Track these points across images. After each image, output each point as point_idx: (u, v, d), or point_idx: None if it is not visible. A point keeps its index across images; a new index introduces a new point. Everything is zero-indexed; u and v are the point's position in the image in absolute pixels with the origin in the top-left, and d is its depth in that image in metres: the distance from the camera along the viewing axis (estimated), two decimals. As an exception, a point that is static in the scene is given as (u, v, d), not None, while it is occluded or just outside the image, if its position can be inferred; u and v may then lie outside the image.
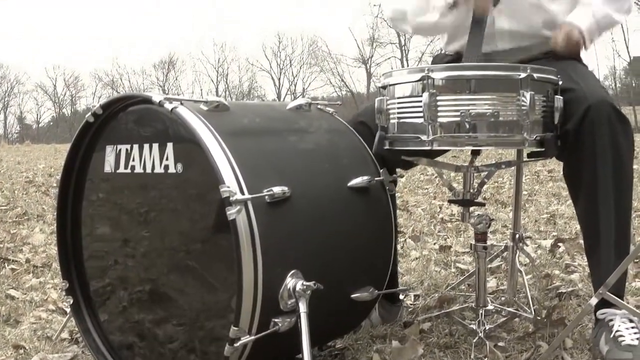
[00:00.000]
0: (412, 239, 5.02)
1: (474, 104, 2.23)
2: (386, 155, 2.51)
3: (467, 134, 2.24)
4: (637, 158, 12.56)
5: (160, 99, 2.21)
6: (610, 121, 2.42)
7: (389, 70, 2.47)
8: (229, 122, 2.26)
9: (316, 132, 2.48)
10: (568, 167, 2.57)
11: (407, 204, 7.00)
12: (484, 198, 7.03)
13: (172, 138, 2.24)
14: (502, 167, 2.65)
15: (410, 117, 2.33)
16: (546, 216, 5.91)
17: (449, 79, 2.26)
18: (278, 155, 2.29)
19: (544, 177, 9.31)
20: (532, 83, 2.26)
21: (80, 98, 69.58)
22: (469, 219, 2.56)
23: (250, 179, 2.07)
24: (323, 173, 2.37)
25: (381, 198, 2.49)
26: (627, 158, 2.48)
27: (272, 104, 2.69)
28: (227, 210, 1.98)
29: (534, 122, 2.27)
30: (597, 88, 2.54)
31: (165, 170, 2.26)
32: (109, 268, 2.54)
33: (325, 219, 2.29)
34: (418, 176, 9.93)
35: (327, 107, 2.67)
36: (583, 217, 2.58)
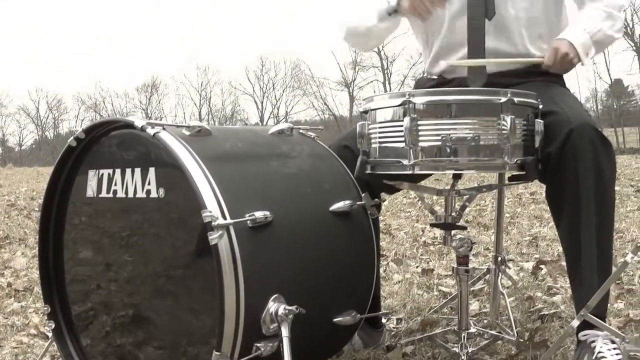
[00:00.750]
0: (394, 262, 5.02)
1: (455, 128, 2.24)
2: (368, 180, 2.52)
3: (448, 158, 2.25)
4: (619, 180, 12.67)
5: (142, 124, 2.21)
6: (592, 144, 2.43)
7: (371, 95, 2.48)
8: (211, 146, 2.26)
9: (298, 157, 2.48)
10: (551, 189, 2.58)
11: (390, 227, 7.01)
12: (466, 221, 7.05)
13: (154, 163, 2.25)
14: (484, 190, 2.67)
15: (392, 142, 2.34)
16: (528, 238, 5.93)
17: (430, 103, 2.27)
18: (260, 179, 2.29)
19: (526, 199, 9.33)
20: (513, 107, 2.28)
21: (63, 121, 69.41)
22: (451, 242, 2.56)
23: (232, 203, 2.08)
24: (305, 197, 2.37)
25: (363, 222, 2.49)
26: (609, 180, 2.50)
27: (254, 129, 2.70)
28: (209, 235, 1.98)
29: (514, 145, 2.29)
30: (579, 111, 2.55)
31: (147, 195, 2.27)
32: (91, 292, 2.54)
33: (308, 244, 2.29)
34: (401, 199, 9.94)
35: (309, 132, 2.68)
36: (565, 239, 2.58)
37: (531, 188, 9.90)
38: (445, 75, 3.09)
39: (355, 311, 2.45)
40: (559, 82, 2.98)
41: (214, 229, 1.99)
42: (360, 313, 2.47)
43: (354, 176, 2.51)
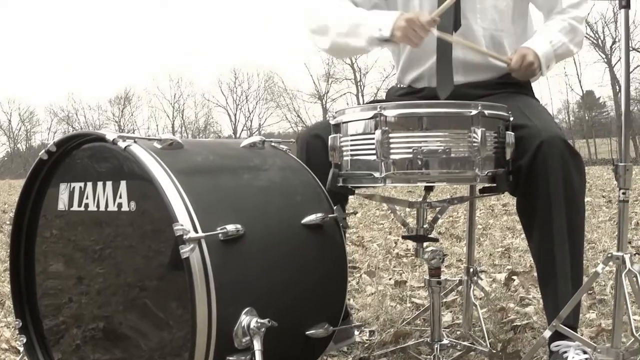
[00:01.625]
0: (367, 274, 5.02)
1: (426, 140, 2.25)
2: (340, 192, 2.52)
3: (419, 170, 2.26)
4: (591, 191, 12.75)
5: (114, 137, 2.21)
6: (562, 156, 2.46)
7: (342, 108, 2.48)
8: (182, 160, 2.26)
9: (270, 170, 2.48)
10: (521, 201, 2.60)
11: (363, 239, 7.01)
12: (439, 233, 7.08)
13: (125, 176, 2.24)
14: (455, 202, 2.68)
15: (363, 154, 2.35)
16: (501, 250, 5.95)
17: (401, 116, 2.28)
18: (232, 193, 2.29)
19: (498, 210, 9.38)
20: (483, 120, 2.29)
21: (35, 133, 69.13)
22: (423, 255, 2.57)
23: (203, 217, 2.07)
24: (277, 210, 2.37)
25: (335, 235, 2.49)
26: (580, 192, 2.53)
27: (226, 142, 2.70)
28: (180, 248, 1.98)
29: (485, 158, 2.30)
30: (549, 124, 2.58)
31: (119, 208, 2.26)
32: (63, 306, 2.52)
33: (280, 256, 2.29)
34: (374, 211, 9.95)
35: (281, 145, 2.68)
36: (537, 251, 2.60)
37: (503, 199, 9.96)
38: (415, 85, 3.12)
39: (327, 323, 2.44)
40: (529, 94, 3.02)
41: (185, 242, 1.98)
42: (332, 325, 2.47)
43: (326, 189, 2.51)
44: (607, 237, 6.38)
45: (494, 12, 3.01)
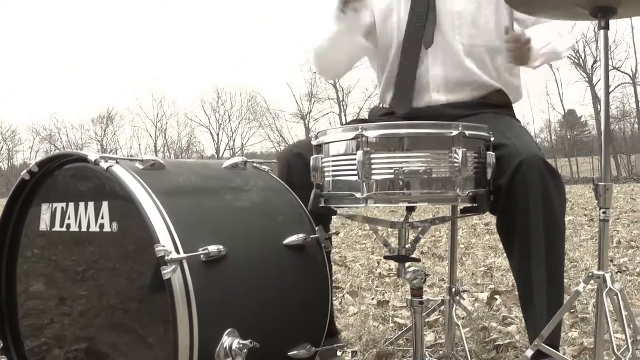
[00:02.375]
0: (350, 294, 5.01)
1: (408, 161, 2.25)
2: (322, 213, 2.53)
3: (401, 191, 2.27)
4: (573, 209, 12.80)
5: (96, 158, 2.22)
6: (542, 176, 2.47)
7: (324, 129, 2.49)
8: (164, 181, 2.26)
9: (252, 191, 2.49)
10: (501, 221, 2.61)
11: (346, 259, 7.01)
12: (422, 252, 7.08)
13: (108, 197, 2.25)
14: (437, 223, 2.68)
15: (345, 175, 2.35)
16: (483, 269, 5.96)
17: (383, 137, 2.29)
18: (214, 214, 2.29)
19: (480, 230, 9.40)
20: (464, 140, 2.30)
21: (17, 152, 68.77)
22: (405, 275, 2.57)
23: (185, 238, 2.07)
24: (259, 231, 2.37)
25: (317, 255, 2.50)
26: (559, 211, 2.54)
27: (208, 163, 2.71)
28: (162, 269, 1.98)
29: (466, 178, 2.31)
30: (529, 143, 2.59)
31: (101, 229, 2.26)
32: (45, 327, 2.51)
33: (262, 277, 2.29)
34: (356, 231, 9.95)
35: (263, 166, 2.68)
36: (517, 270, 2.61)
37: (486, 219, 9.97)
38: None
39: (310, 344, 2.44)
40: (510, 114, 3.04)
41: (167, 263, 1.98)
42: (315, 346, 2.47)
43: (308, 209, 2.51)
44: (589, 255, 6.40)
45: (472, 27, 3.04)
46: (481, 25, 3.05)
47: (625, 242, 7.45)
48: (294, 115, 59.13)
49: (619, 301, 2.28)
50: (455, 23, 3.03)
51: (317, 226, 2.52)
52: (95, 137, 64.24)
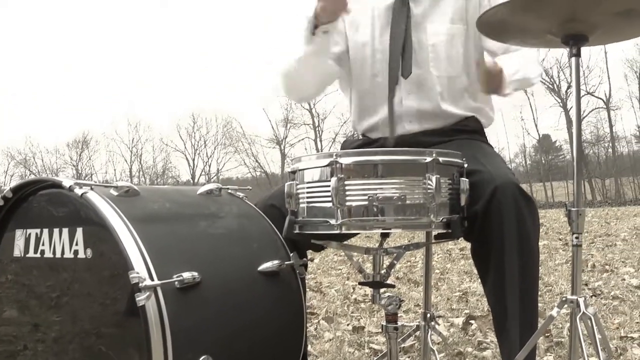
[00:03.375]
0: (325, 320, 5.02)
1: (382, 187, 2.26)
2: (296, 239, 2.53)
3: (375, 217, 2.27)
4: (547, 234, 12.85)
5: (70, 184, 2.22)
6: (516, 201, 2.49)
7: (298, 156, 2.50)
8: (138, 207, 2.26)
9: (226, 217, 2.49)
10: (476, 247, 2.62)
11: (321, 285, 7.01)
12: (397, 278, 7.09)
13: (82, 223, 2.24)
14: (411, 248, 2.69)
15: (319, 202, 2.35)
16: (458, 294, 5.98)
17: (357, 163, 2.29)
18: (188, 240, 2.29)
19: (455, 255, 9.42)
20: (438, 167, 2.31)
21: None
22: (380, 301, 2.57)
23: (159, 264, 2.07)
24: (233, 258, 2.37)
25: (291, 282, 2.50)
26: (533, 237, 2.55)
27: (183, 189, 2.70)
28: (136, 296, 1.97)
29: (440, 204, 2.31)
30: (502, 169, 2.61)
31: (75, 256, 2.25)
32: (18, 353, 2.49)
33: (236, 304, 2.28)
34: (332, 257, 9.96)
35: (238, 192, 2.69)
36: (491, 295, 2.62)
37: (461, 244, 10.00)
38: (370, 135, 3.16)
39: (284, 371, 2.44)
40: (482, 140, 3.06)
41: (141, 290, 1.98)
42: (289, 373, 2.47)
43: (282, 236, 2.52)
44: (563, 279, 6.44)
45: (445, 60, 3.08)
46: (453, 57, 3.10)
47: (599, 265, 7.49)
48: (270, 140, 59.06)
49: (592, 325, 2.29)
50: (430, 56, 3.07)
51: (292, 252, 2.53)
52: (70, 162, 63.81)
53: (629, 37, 2.55)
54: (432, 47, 3.08)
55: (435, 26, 3.10)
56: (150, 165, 63.82)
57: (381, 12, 3.16)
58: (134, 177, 61.21)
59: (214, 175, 60.55)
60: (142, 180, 61.11)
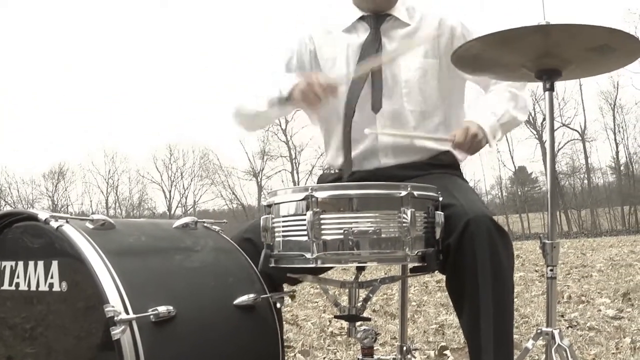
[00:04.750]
0: (301, 353, 5.00)
1: (357, 221, 2.27)
2: (272, 273, 2.53)
3: (350, 251, 2.28)
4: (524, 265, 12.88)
5: (46, 217, 2.22)
6: (489, 234, 2.50)
7: (274, 189, 2.51)
8: (114, 240, 2.26)
9: (202, 251, 2.49)
10: (450, 280, 2.63)
11: (297, 318, 6.98)
12: (373, 310, 7.08)
13: (57, 256, 2.23)
14: (387, 282, 2.70)
15: (295, 235, 2.36)
16: (435, 326, 5.97)
17: (332, 197, 2.31)
18: (163, 274, 2.29)
19: (432, 287, 9.42)
20: (413, 200, 2.33)
21: (-34, 208, 67.74)
22: (356, 334, 2.58)
23: (135, 298, 2.07)
24: (209, 291, 2.37)
25: (267, 316, 2.49)
26: (507, 269, 2.56)
27: (159, 222, 2.70)
28: (111, 330, 1.97)
29: (415, 238, 2.33)
30: (476, 203, 2.63)
31: (50, 289, 2.24)
32: (-10, 387, 2.48)
33: (212, 338, 2.27)
34: (308, 289, 9.93)
35: (214, 226, 2.69)
36: (466, 328, 2.63)
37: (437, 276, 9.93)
38: None
39: (260, 405, 2.43)
40: (457, 174, 3.08)
41: (116, 323, 1.98)
42: (265, 407, 2.46)
43: (258, 269, 2.52)
44: (540, 311, 6.45)
45: (419, 94, 3.11)
46: (427, 92, 3.14)
47: (575, 296, 7.51)
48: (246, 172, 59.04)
49: (567, 357, 2.31)
50: (403, 91, 3.10)
51: (268, 286, 2.53)
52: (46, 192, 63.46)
53: (602, 71, 2.59)
54: (405, 82, 3.11)
55: (408, 61, 3.13)
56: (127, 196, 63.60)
57: (355, 49, 3.20)
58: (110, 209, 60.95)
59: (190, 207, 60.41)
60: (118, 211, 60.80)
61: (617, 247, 19.44)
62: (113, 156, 64.85)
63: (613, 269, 11.23)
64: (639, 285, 7.99)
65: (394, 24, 3.20)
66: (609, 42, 2.31)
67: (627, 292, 7.28)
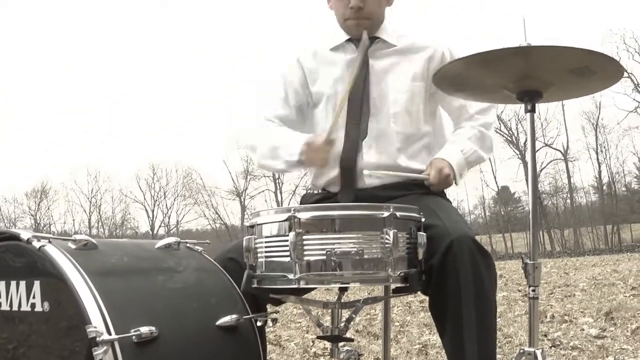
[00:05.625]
0: (285, 373, 5.00)
1: (340, 242, 2.28)
2: (255, 293, 2.53)
3: (333, 271, 2.28)
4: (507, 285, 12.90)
5: (28, 237, 2.22)
6: (472, 255, 2.51)
7: (257, 210, 2.51)
8: (97, 261, 2.26)
9: (185, 271, 2.49)
10: (433, 300, 2.64)
11: (280, 338, 6.96)
12: (356, 330, 7.06)
13: (39, 276, 2.23)
14: (369, 302, 2.70)
15: (278, 256, 2.36)
16: (418, 346, 5.96)
17: (315, 218, 2.31)
18: (146, 294, 2.29)
19: (415, 307, 9.41)
20: (395, 221, 2.33)
21: (-52, 227, 67.05)
22: (338, 355, 2.58)
23: (117, 318, 2.06)
24: (191, 312, 2.36)
25: (250, 336, 2.49)
26: (490, 290, 2.58)
27: (141, 243, 2.70)
28: (93, 350, 1.97)
29: (397, 258, 2.33)
30: (459, 223, 2.64)
31: (32, 309, 2.24)
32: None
33: (194, 359, 2.27)
34: (291, 310, 9.91)
35: (196, 246, 2.69)
36: (449, 348, 2.63)
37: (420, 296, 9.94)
38: (330, 189, 3.18)
39: None
40: (440, 194, 3.09)
41: (98, 344, 1.97)
42: None
43: (241, 290, 2.52)
44: (523, 331, 6.45)
45: (406, 115, 3.15)
46: (414, 114, 3.18)
47: (558, 316, 7.52)
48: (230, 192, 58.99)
49: (549, 377, 2.32)
50: (390, 112, 3.13)
51: (251, 307, 2.52)
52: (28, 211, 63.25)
53: (582, 94, 2.62)
54: (393, 103, 3.15)
55: (397, 82, 3.18)
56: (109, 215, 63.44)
57: (343, 69, 3.23)
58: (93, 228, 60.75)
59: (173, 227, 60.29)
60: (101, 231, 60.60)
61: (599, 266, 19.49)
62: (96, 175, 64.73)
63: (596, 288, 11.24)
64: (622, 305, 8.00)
65: (381, 45, 3.25)
66: (590, 64, 2.33)
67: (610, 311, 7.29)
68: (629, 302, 8.44)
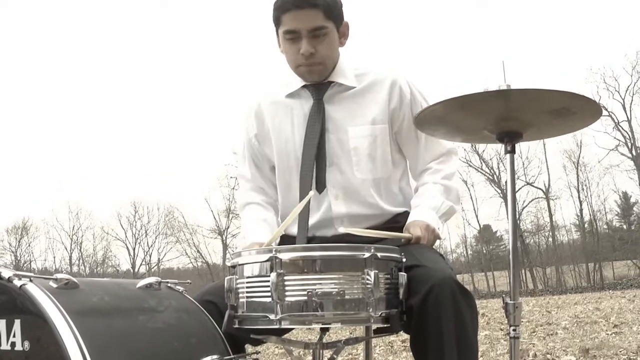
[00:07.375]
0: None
1: (321, 283, 2.28)
2: (236, 334, 2.53)
3: (314, 312, 2.29)
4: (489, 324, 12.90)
5: (9, 275, 2.21)
6: (453, 297, 2.51)
7: (238, 250, 2.52)
8: (78, 300, 2.26)
9: (165, 312, 2.48)
10: (415, 340, 2.63)
11: (262, 377, 6.95)
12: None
13: (20, 314, 2.22)
14: (351, 343, 2.70)
15: (259, 296, 2.37)
16: (400, 386, 5.96)
17: (296, 259, 2.33)
18: (127, 334, 2.27)
19: (397, 347, 9.39)
20: (376, 262, 2.34)
21: None
22: (319, 395, 2.58)
23: (98, 359, 2.05)
24: (172, 352, 2.35)
25: (231, 377, 2.49)
26: (471, 330, 2.58)
27: (122, 282, 2.69)
28: (74, 391, 1.96)
29: (378, 299, 2.34)
30: (439, 263, 2.65)
31: (12, 347, 2.23)
32: None
33: (175, 399, 2.27)
34: (272, 350, 9.87)
35: (177, 286, 2.69)
36: (431, 388, 2.63)
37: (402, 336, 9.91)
38: None
39: None
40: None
41: (79, 385, 1.97)
42: None
43: (222, 330, 2.51)
44: (505, 370, 6.46)
45: (369, 161, 3.15)
46: (378, 158, 3.16)
47: (541, 354, 7.53)
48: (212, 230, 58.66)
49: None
50: (353, 160, 3.14)
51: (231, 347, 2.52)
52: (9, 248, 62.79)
53: (561, 133, 2.65)
54: (354, 151, 3.14)
55: (356, 129, 3.16)
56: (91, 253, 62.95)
57: (301, 118, 3.24)
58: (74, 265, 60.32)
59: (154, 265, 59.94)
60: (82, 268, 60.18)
61: (582, 304, 19.50)
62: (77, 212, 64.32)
63: (578, 326, 11.26)
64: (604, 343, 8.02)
65: (338, 89, 3.22)
66: (569, 105, 2.36)
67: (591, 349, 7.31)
68: (611, 340, 8.46)
